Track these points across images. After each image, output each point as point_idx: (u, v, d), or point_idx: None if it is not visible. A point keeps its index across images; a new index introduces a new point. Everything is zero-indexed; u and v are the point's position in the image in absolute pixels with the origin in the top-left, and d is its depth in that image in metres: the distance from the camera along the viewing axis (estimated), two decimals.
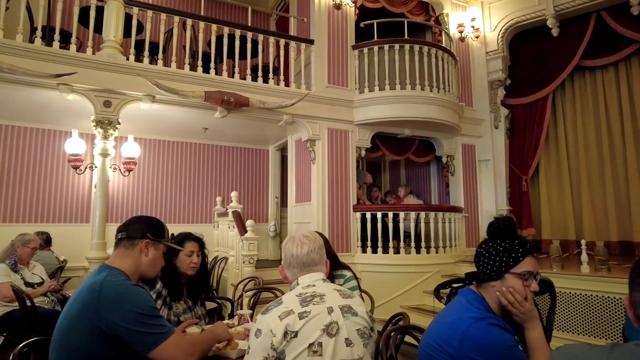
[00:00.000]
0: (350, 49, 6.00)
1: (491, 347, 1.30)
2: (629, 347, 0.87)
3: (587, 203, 6.65)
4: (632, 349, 0.86)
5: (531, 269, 1.43)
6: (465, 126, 6.63)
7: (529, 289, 1.41)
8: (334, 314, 1.36)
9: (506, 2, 6.88)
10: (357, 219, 5.66)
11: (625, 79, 6.54)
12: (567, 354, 0.97)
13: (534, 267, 1.44)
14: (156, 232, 1.75)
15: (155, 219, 1.84)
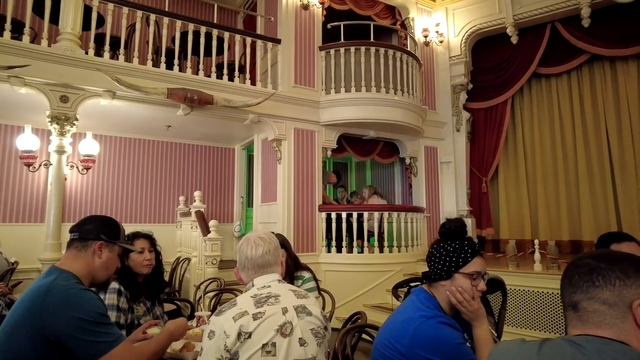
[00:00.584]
0: (317, 49, 6.02)
1: (440, 344, 1.35)
2: (558, 341, 0.92)
3: (542, 204, 6.97)
4: (560, 343, 0.91)
5: (479, 269, 1.49)
6: (428, 129, 6.80)
7: (477, 288, 1.47)
8: (288, 314, 1.38)
9: (469, 9, 7.10)
10: (322, 218, 5.69)
11: (577, 87, 6.91)
12: (502, 349, 1.02)
13: (482, 267, 1.50)
14: (111, 232, 1.68)
15: (110, 219, 1.77)
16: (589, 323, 0.91)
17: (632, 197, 6.25)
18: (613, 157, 6.49)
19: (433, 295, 1.52)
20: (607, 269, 0.92)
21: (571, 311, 0.95)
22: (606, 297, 0.90)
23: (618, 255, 0.96)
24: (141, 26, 4.98)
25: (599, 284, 0.92)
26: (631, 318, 0.88)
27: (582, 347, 0.86)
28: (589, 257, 0.98)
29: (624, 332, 0.88)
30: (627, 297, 0.89)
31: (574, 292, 0.95)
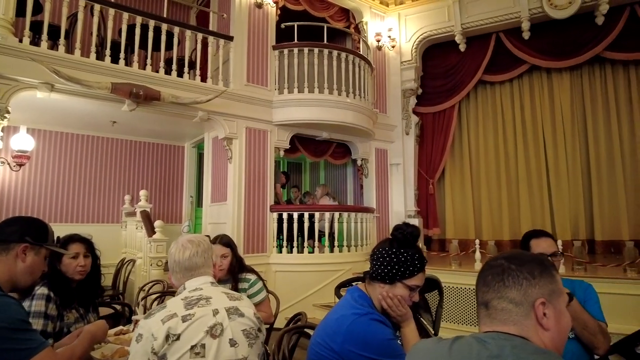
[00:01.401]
0: (271, 49, 5.99)
1: (371, 340, 1.39)
2: (467, 339, 0.97)
3: (485, 205, 7.33)
4: (468, 340, 0.96)
5: (419, 284, 1.54)
6: (379, 131, 6.96)
7: (411, 299, 1.53)
8: (219, 316, 1.37)
9: (421, 16, 7.33)
10: (274, 219, 5.66)
11: (518, 95, 7.34)
12: (420, 347, 1.07)
13: (422, 282, 1.55)
14: (37, 234, 1.57)
15: (36, 220, 1.66)
16: (496, 320, 0.97)
17: (565, 199, 6.72)
18: (549, 162, 6.95)
19: (367, 293, 1.56)
20: (517, 270, 0.99)
21: (483, 309, 1.01)
22: (513, 297, 0.96)
23: (528, 257, 1.03)
24: (84, 16, 4.73)
25: (509, 284, 0.98)
26: (533, 315, 0.95)
27: (486, 342, 0.92)
28: (502, 258, 1.04)
29: (525, 328, 0.94)
30: (532, 296, 0.96)
31: (486, 291, 1.01)
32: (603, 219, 6.49)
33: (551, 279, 0.99)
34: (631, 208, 6.35)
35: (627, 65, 6.61)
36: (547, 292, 0.97)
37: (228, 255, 2.79)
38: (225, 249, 2.78)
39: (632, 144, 6.49)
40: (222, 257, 2.74)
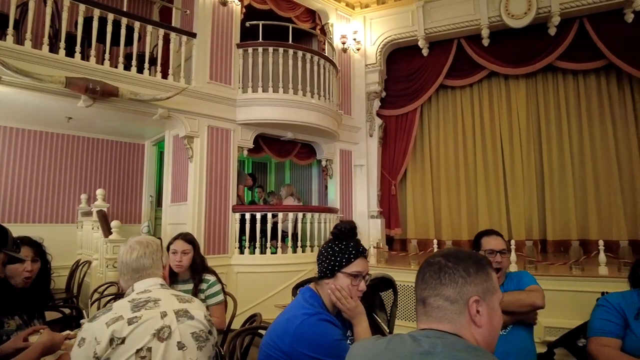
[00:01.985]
0: (235, 47, 5.92)
1: (319, 341, 1.40)
2: (403, 336, 0.99)
3: (445, 206, 7.54)
4: (404, 338, 0.98)
5: (360, 270, 1.57)
6: (344, 133, 7.02)
7: (357, 288, 1.55)
8: (167, 318, 1.34)
9: (385, 20, 7.45)
10: (236, 219, 5.60)
11: (477, 100, 7.59)
12: (360, 346, 1.09)
13: (363, 268, 1.58)
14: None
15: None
16: (432, 318, 0.99)
17: (520, 201, 7.02)
18: (505, 164, 7.24)
19: (318, 293, 1.58)
20: (454, 267, 1.00)
21: (421, 306, 1.03)
22: (449, 294, 0.98)
23: (465, 255, 1.05)
24: (35, 5, 4.51)
25: (445, 281, 0.99)
26: (467, 313, 0.97)
27: (420, 340, 0.94)
28: (440, 255, 1.06)
29: (459, 325, 0.97)
30: (466, 293, 0.98)
31: (424, 288, 1.02)
32: (554, 219, 6.83)
33: (486, 277, 1.01)
34: (579, 209, 6.71)
35: (576, 74, 6.99)
36: (481, 290, 0.99)
37: (189, 252, 2.78)
38: (187, 245, 2.78)
39: (580, 150, 6.87)
40: (182, 253, 2.74)
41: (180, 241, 2.77)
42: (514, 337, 2.05)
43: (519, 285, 2.16)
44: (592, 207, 6.63)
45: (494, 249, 2.13)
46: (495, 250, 2.13)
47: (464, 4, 6.82)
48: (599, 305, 2.00)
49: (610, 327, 1.89)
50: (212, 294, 2.75)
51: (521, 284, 2.16)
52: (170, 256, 2.74)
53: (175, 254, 2.74)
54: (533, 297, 2.01)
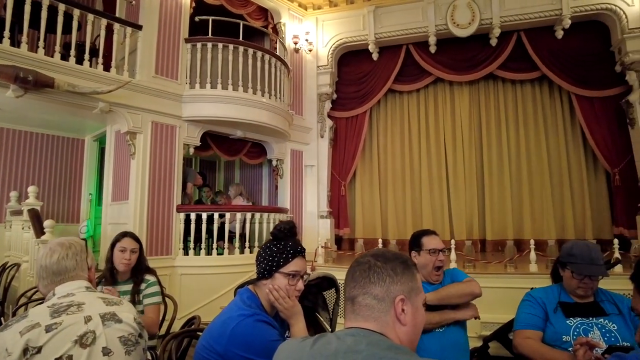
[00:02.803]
0: (183, 41, 5.74)
1: (254, 342, 1.39)
2: (328, 336, 1.00)
3: (391, 206, 7.75)
4: (329, 337, 0.99)
5: (298, 269, 1.57)
6: (295, 133, 7.02)
7: (295, 287, 1.56)
8: (91, 323, 1.27)
9: (337, 22, 7.53)
10: (180, 219, 5.43)
11: (423, 104, 7.87)
12: (286, 347, 1.08)
13: (301, 268, 1.59)
14: None
15: None
16: (359, 316, 1.00)
17: (461, 202, 7.35)
18: (449, 167, 7.56)
19: (257, 294, 1.56)
20: (382, 267, 1.02)
21: (349, 304, 1.04)
22: (377, 293, 1.00)
23: (392, 255, 1.07)
24: None
25: (374, 280, 1.01)
26: (393, 311, 0.99)
27: (345, 339, 0.95)
28: (370, 255, 1.07)
29: (384, 324, 0.99)
30: (393, 292, 1.00)
31: (354, 287, 1.03)
32: (493, 220, 7.22)
33: (412, 277, 1.04)
34: (515, 211, 7.14)
35: (514, 83, 7.44)
36: (407, 289, 1.02)
37: (137, 251, 2.73)
38: (136, 244, 2.74)
39: (516, 154, 7.32)
40: (131, 251, 2.68)
41: (129, 239, 2.72)
42: (449, 334, 2.13)
43: (454, 280, 2.26)
44: (527, 209, 7.08)
45: (437, 248, 2.20)
46: (437, 249, 2.20)
47: (412, 11, 7.05)
48: (524, 300, 2.14)
49: (533, 320, 2.02)
50: (150, 294, 2.68)
51: (454, 277, 2.26)
52: (118, 254, 2.66)
53: (124, 251, 2.67)
54: (472, 287, 2.11)
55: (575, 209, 6.96)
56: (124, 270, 2.67)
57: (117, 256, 2.65)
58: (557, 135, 7.20)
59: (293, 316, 1.54)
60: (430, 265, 2.19)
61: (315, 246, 5.62)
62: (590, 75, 6.61)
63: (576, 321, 1.95)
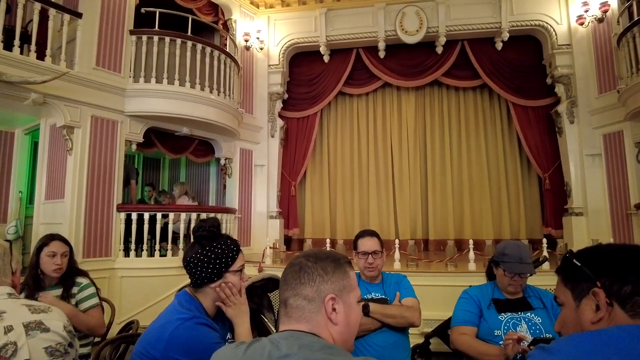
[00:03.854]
0: (128, 33, 5.47)
1: (194, 345, 1.35)
2: (262, 341, 0.99)
3: (340, 206, 7.86)
4: (263, 342, 0.98)
5: (243, 263, 1.58)
6: (245, 132, 6.92)
7: (243, 281, 1.56)
8: (12, 334, 1.17)
9: (289, 22, 7.52)
10: (121, 219, 5.17)
11: (372, 108, 8.05)
12: (217, 355, 1.06)
13: (244, 260, 1.60)
14: None
15: None
16: (292, 319, 0.99)
17: (406, 202, 7.60)
18: (395, 169, 7.79)
19: (195, 297, 1.52)
20: (312, 267, 1.01)
21: (282, 307, 1.02)
22: (307, 293, 0.99)
23: (324, 254, 1.07)
24: None
25: (304, 280, 1.00)
26: (323, 311, 0.99)
27: (278, 343, 0.94)
28: (302, 256, 1.07)
29: (316, 324, 0.98)
30: (323, 291, 0.99)
31: (286, 289, 1.02)
32: (435, 220, 7.53)
33: (344, 275, 1.04)
34: (456, 211, 7.50)
35: (458, 90, 7.81)
36: (338, 287, 1.01)
37: (67, 255, 2.56)
38: (66, 247, 2.57)
39: (458, 158, 7.68)
40: (62, 255, 2.50)
41: (59, 242, 2.53)
42: (390, 333, 2.20)
43: (399, 287, 2.33)
44: (467, 210, 7.45)
45: (367, 251, 2.29)
46: (367, 252, 2.28)
47: (363, 15, 7.20)
48: (460, 298, 2.25)
49: (469, 316, 2.13)
50: (86, 297, 2.53)
51: (401, 288, 2.33)
52: (46, 260, 2.46)
53: (54, 256, 2.48)
54: (414, 317, 2.20)
55: (511, 211, 7.43)
56: (57, 276, 2.49)
57: (46, 262, 2.46)
58: (495, 140, 7.65)
59: (240, 315, 1.52)
60: (361, 266, 2.34)
61: (264, 247, 5.56)
62: (526, 86, 7.09)
63: (507, 316, 2.08)
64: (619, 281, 0.86)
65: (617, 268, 0.87)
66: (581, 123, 6.49)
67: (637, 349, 0.75)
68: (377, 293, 2.33)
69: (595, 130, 6.33)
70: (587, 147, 6.40)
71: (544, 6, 6.77)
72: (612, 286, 0.87)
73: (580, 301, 0.93)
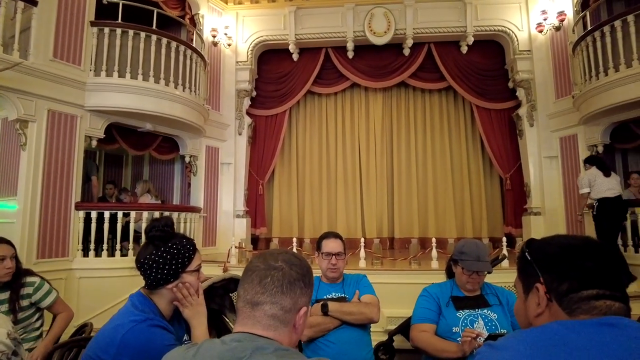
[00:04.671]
0: (89, 24, 5.26)
1: (148, 347, 1.31)
2: (215, 342, 0.97)
3: (308, 205, 7.86)
4: (216, 344, 0.97)
5: (200, 262, 1.55)
6: (211, 129, 6.80)
7: (200, 280, 1.52)
8: None
9: (258, 19, 7.44)
10: (80, 218, 4.97)
11: (340, 108, 8.11)
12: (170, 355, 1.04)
13: (200, 260, 1.57)
14: None
15: None
16: (260, 324, 0.97)
17: (373, 201, 7.70)
18: (362, 168, 7.88)
19: (150, 298, 1.48)
20: (296, 277, 1.01)
21: (249, 308, 0.99)
22: (286, 304, 0.98)
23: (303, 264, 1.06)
24: None
25: (286, 291, 0.99)
26: (294, 321, 1.00)
27: (230, 344, 0.94)
28: (284, 261, 1.03)
29: (281, 332, 0.98)
30: (299, 304, 1.00)
31: (262, 292, 0.98)
32: (401, 219, 7.66)
33: (312, 287, 1.07)
34: (421, 210, 7.66)
35: (424, 92, 7.97)
36: (308, 300, 1.05)
37: (14, 256, 2.46)
38: (13, 249, 2.48)
39: (423, 158, 7.85)
40: (10, 258, 2.42)
41: (5, 245, 2.45)
42: (350, 330, 2.22)
43: (358, 286, 2.36)
44: (431, 209, 7.62)
45: (331, 252, 2.32)
46: (331, 253, 2.31)
47: (333, 15, 7.21)
48: (420, 295, 2.30)
49: (428, 314, 2.18)
50: (45, 294, 2.50)
51: (360, 286, 2.36)
52: None
53: (3, 260, 2.39)
54: (372, 313, 2.24)
55: (473, 210, 7.65)
56: (5, 280, 2.39)
57: None
58: (459, 142, 7.85)
59: (197, 316, 1.48)
60: (324, 267, 2.36)
61: (230, 247, 5.48)
62: (489, 89, 7.32)
63: (465, 313, 2.14)
64: (558, 278, 0.90)
65: (559, 265, 0.91)
66: (540, 126, 6.76)
67: (572, 342, 0.79)
68: (337, 293, 2.35)
69: (552, 133, 6.62)
70: (545, 150, 6.67)
71: (506, 13, 7.01)
72: (552, 282, 0.91)
73: (527, 294, 0.97)
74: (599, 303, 0.85)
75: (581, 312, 0.86)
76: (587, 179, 5.08)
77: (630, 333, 0.79)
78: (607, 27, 5.29)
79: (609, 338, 0.78)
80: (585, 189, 5.09)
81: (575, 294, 0.87)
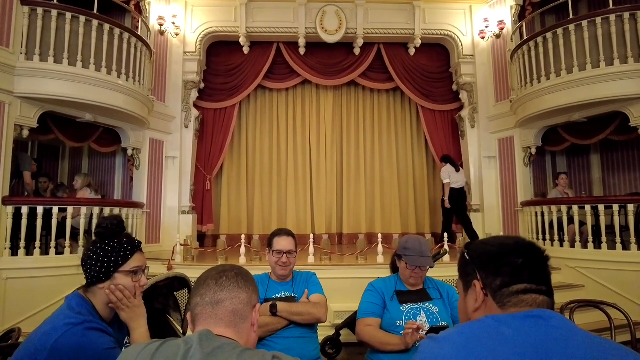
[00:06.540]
0: (19, 3, 4.84)
1: (85, 353, 1.25)
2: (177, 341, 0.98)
3: (258, 201, 7.80)
4: (178, 343, 0.97)
5: (140, 264, 1.49)
6: (156, 121, 6.53)
7: (139, 284, 1.46)
8: None
9: (208, 10, 7.22)
10: (8, 213, 4.59)
11: (292, 103, 8.11)
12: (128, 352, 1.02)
13: (142, 262, 1.50)
14: None
15: None
16: (221, 321, 1.03)
17: (322, 197, 7.78)
18: (312, 164, 7.94)
19: (88, 299, 1.41)
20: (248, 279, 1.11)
21: (209, 308, 1.03)
22: (244, 298, 1.07)
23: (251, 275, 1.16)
24: None
25: (242, 285, 1.08)
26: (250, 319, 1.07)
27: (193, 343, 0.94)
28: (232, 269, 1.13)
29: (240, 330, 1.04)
30: (253, 301, 1.10)
31: (220, 290, 1.05)
32: (349, 215, 7.82)
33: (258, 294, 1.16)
34: (368, 207, 7.86)
35: (373, 92, 8.16)
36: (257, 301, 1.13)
37: None
38: None
39: (371, 156, 8.05)
40: None
41: None
42: (297, 328, 2.24)
43: (307, 285, 2.38)
44: (378, 206, 7.84)
45: (282, 250, 2.33)
46: (282, 251, 2.32)
47: (285, 10, 7.16)
48: (366, 290, 2.36)
49: (373, 308, 2.24)
50: None
51: (309, 285, 2.38)
52: None
53: None
54: (320, 313, 2.28)
55: (417, 207, 7.96)
56: None
57: None
58: (405, 141, 8.13)
59: (135, 319, 1.43)
60: (274, 264, 2.37)
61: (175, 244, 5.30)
62: (434, 91, 7.62)
63: (408, 307, 2.22)
64: (492, 274, 0.98)
65: (492, 263, 0.99)
66: (481, 128, 7.14)
67: (503, 333, 0.86)
68: (287, 292, 2.36)
69: (492, 134, 7.02)
70: (484, 150, 7.06)
71: (452, 18, 7.32)
72: (487, 279, 0.99)
73: (467, 292, 1.05)
74: (526, 297, 0.94)
75: (511, 306, 0.94)
76: (447, 172, 6.55)
77: (553, 323, 0.87)
78: (540, 38, 5.69)
79: (535, 328, 0.86)
80: (447, 179, 6.55)
81: (507, 289, 0.95)
